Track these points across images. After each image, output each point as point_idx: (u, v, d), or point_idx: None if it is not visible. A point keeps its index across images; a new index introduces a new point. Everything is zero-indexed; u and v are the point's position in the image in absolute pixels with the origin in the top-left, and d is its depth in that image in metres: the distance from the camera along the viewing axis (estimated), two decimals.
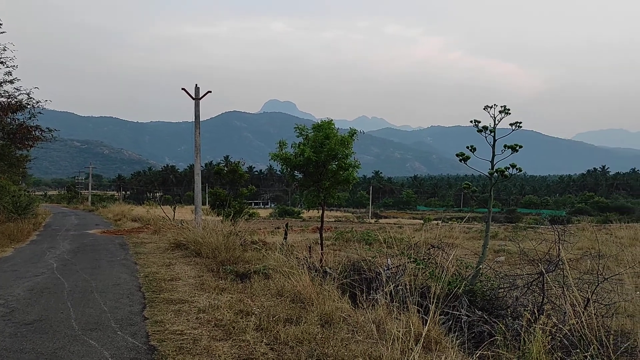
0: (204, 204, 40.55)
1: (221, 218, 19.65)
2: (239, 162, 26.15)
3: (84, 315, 6.89)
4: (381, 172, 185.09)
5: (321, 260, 9.97)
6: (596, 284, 6.57)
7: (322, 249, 11.54)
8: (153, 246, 15.90)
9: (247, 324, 6.13)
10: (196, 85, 19.90)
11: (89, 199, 69.80)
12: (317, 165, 11.46)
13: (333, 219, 64.51)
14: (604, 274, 7.05)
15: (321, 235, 12.39)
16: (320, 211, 12.16)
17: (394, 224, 47.85)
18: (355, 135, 11.79)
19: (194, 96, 19.75)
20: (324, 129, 11.48)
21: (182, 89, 19.64)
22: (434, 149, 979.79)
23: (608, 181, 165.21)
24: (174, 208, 29.35)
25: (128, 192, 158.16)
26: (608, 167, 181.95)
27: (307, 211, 13.56)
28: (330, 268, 9.00)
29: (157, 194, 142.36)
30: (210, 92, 20.26)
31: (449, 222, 59.66)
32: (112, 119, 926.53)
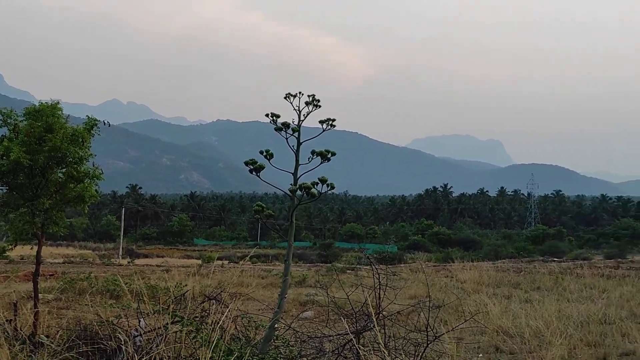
0: None
1: None
2: None
3: None
4: (140, 187, 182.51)
5: (34, 324, 9.53)
6: (425, 345, 7.32)
7: (36, 307, 11.02)
8: None
9: None
10: None
11: None
12: (33, 174, 10.96)
13: (62, 260, 61.66)
14: (435, 330, 7.88)
15: (35, 284, 11.82)
16: (37, 246, 11.63)
17: (158, 265, 47.55)
18: (96, 127, 11.53)
19: None
20: (45, 116, 11.00)
21: None
22: (221, 153, 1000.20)
23: (451, 205, 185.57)
24: None
25: None
26: (451, 187, 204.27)
27: (14, 246, 12.79)
28: (48, 336, 8.66)
29: None
30: None
31: (241, 262, 61.11)
32: None
